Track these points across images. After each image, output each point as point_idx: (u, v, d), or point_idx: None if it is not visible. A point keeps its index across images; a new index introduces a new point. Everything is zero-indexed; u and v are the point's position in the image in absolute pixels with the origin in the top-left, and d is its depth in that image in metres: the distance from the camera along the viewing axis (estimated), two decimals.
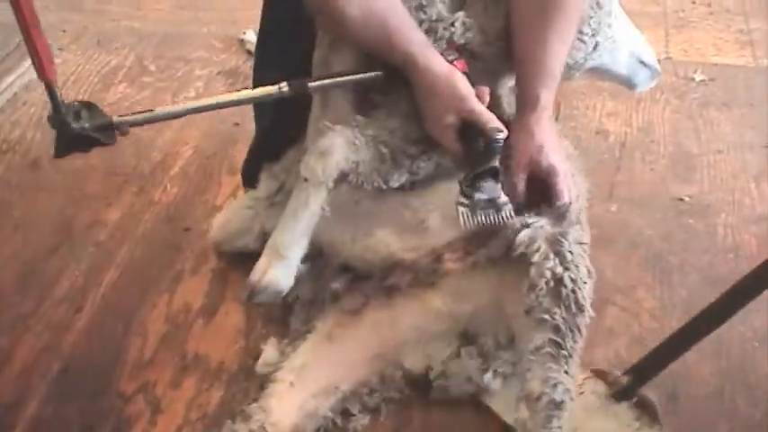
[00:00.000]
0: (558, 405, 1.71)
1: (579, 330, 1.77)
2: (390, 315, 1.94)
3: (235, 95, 1.88)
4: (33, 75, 3.00)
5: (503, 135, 1.77)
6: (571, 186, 1.93)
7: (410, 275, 1.93)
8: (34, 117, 2.87)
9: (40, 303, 2.18)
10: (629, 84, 2.33)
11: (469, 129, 1.80)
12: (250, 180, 2.22)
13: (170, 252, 2.33)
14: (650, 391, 1.92)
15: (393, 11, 1.84)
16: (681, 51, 3.32)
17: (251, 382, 1.96)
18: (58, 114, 1.73)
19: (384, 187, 1.86)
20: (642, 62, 2.28)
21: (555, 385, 1.71)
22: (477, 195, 1.78)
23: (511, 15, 1.95)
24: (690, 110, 2.97)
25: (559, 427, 1.70)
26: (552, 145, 1.91)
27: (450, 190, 1.84)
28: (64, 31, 3.38)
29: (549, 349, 1.74)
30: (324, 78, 1.90)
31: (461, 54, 1.90)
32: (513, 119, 1.95)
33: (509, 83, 2.03)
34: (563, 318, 1.76)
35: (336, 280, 1.98)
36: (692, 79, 3.12)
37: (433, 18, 1.90)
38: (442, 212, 1.89)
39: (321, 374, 1.88)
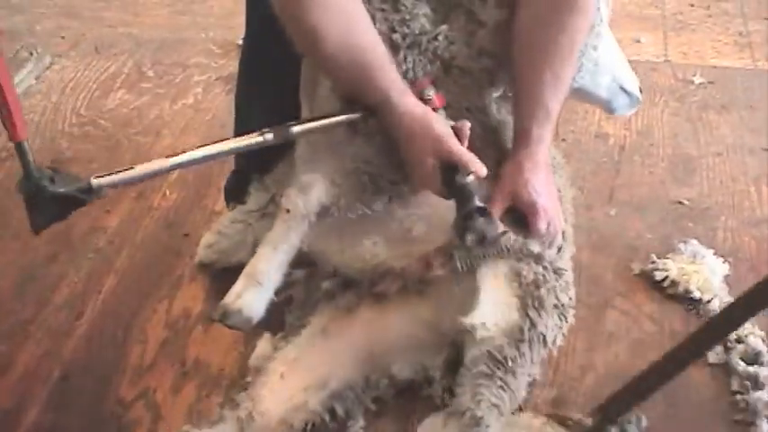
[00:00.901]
0: (478, 421, 1.72)
1: (530, 344, 1.81)
2: (382, 318, 1.94)
3: (219, 146, 1.83)
4: (32, 81, 3.05)
5: (471, 177, 1.79)
6: (554, 217, 1.97)
7: (399, 283, 1.94)
8: (33, 124, 2.86)
9: (39, 310, 2.18)
10: (608, 108, 2.32)
11: (450, 170, 1.81)
12: (236, 197, 2.23)
13: (169, 258, 2.33)
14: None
15: (372, 50, 1.84)
16: (680, 54, 3.32)
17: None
18: (32, 179, 1.63)
19: (369, 212, 1.89)
20: (623, 89, 2.27)
21: (479, 401, 1.73)
22: (469, 236, 1.80)
23: (512, 54, 1.96)
24: (689, 112, 2.97)
25: None
26: (539, 181, 1.95)
27: (432, 197, 1.88)
28: (62, 37, 3.40)
29: (484, 365, 1.77)
30: (306, 122, 1.89)
31: (438, 88, 1.92)
32: (502, 125, 2.02)
33: (497, 93, 2.05)
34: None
35: (329, 280, 1.98)
36: (691, 82, 3.12)
37: (417, 32, 1.91)
38: (427, 221, 1.93)
39: (312, 368, 1.88)
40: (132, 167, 1.74)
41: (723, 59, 3.30)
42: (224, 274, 2.19)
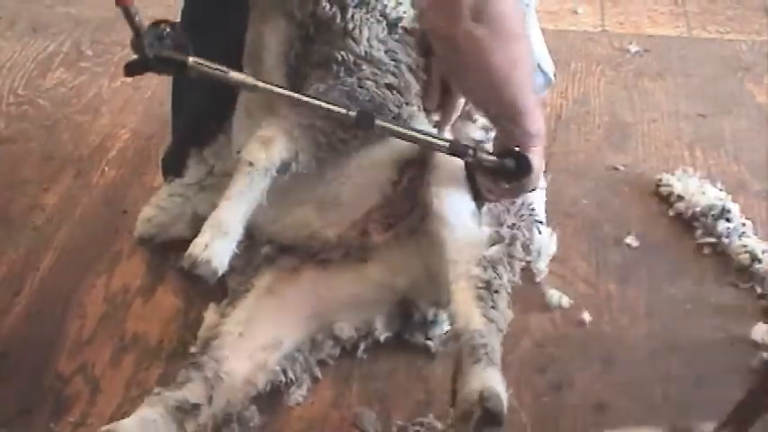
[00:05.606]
0: (481, 334, 1.74)
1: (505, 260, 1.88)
2: (327, 277, 1.97)
3: (304, 97, 1.83)
4: None
5: None
6: None
7: (341, 251, 1.97)
8: None
9: None
10: None
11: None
12: (175, 170, 2.22)
13: (108, 234, 2.32)
14: (580, 360, 1.98)
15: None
16: (616, 24, 3.35)
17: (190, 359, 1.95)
18: (138, 38, 1.76)
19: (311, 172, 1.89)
20: (540, 68, 2.31)
21: (477, 319, 1.76)
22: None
23: None
24: (625, 80, 3.00)
25: (486, 354, 1.71)
26: None
27: (364, 158, 1.91)
28: None
29: (473, 290, 1.80)
30: (393, 125, 1.87)
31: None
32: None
33: None
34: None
35: (267, 246, 2.00)
36: (628, 51, 3.15)
37: None
38: (354, 182, 1.93)
39: (267, 326, 1.89)
40: (227, 71, 1.82)
41: (659, 29, 3.34)
42: (162, 250, 2.22)
